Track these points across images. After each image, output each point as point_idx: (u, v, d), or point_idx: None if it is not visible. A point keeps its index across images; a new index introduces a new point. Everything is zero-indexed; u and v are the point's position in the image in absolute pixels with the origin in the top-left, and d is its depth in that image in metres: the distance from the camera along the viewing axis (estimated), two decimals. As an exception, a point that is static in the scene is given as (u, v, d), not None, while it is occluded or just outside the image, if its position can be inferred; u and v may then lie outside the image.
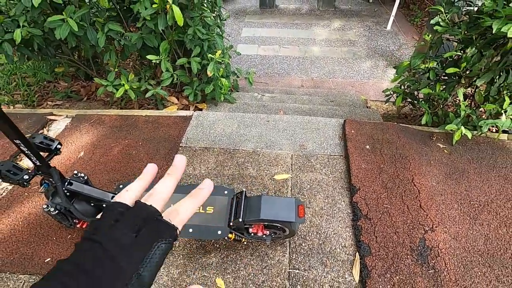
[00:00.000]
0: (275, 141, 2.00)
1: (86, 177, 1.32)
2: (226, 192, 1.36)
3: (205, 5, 2.25)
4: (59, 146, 1.10)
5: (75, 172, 1.29)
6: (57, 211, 1.21)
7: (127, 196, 0.32)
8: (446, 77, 2.14)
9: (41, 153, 1.04)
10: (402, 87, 2.49)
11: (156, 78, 2.49)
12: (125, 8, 2.20)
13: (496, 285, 1.32)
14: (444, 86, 2.10)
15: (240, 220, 1.20)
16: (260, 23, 5.35)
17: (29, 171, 1.06)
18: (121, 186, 1.42)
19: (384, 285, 1.28)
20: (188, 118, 2.18)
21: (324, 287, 1.30)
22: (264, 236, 1.31)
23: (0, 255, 1.40)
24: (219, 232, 1.25)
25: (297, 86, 3.71)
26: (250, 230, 1.29)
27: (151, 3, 1.88)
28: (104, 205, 1.29)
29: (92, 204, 1.30)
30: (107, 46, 2.17)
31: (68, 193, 1.18)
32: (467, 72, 1.86)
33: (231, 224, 1.25)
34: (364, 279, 1.31)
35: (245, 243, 1.40)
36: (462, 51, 1.91)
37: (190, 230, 1.27)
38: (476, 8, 1.90)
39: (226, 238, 1.28)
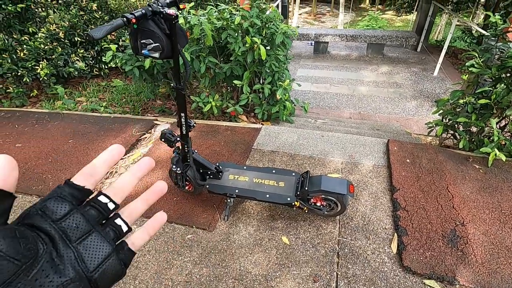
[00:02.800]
0: (328, 151, 2.46)
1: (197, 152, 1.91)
2: (293, 174, 1.85)
3: (280, 47, 2.95)
4: (194, 125, 1.71)
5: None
6: (180, 172, 1.80)
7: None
8: (482, 110, 2.46)
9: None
10: (444, 120, 2.83)
11: (234, 99, 3.18)
12: (220, 46, 2.99)
13: (520, 273, 1.54)
14: (480, 117, 2.42)
15: (306, 189, 1.67)
16: (314, 65, 6.09)
17: (176, 138, 1.67)
18: (217, 164, 1.99)
19: (417, 257, 1.59)
20: (258, 129, 2.77)
21: (367, 253, 1.65)
22: (321, 206, 1.74)
23: (131, 204, 2.01)
24: (289, 199, 1.72)
25: (346, 118, 4.18)
26: (311, 200, 1.74)
27: (243, 43, 2.61)
28: (208, 172, 1.86)
29: (201, 171, 1.88)
30: (204, 73, 2.93)
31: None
32: (499, 104, 2.20)
33: (298, 193, 1.71)
34: (401, 251, 1.63)
35: (306, 211, 1.82)
36: (493, 87, 2.26)
37: (267, 195, 1.76)
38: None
39: (292, 205, 1.73)
